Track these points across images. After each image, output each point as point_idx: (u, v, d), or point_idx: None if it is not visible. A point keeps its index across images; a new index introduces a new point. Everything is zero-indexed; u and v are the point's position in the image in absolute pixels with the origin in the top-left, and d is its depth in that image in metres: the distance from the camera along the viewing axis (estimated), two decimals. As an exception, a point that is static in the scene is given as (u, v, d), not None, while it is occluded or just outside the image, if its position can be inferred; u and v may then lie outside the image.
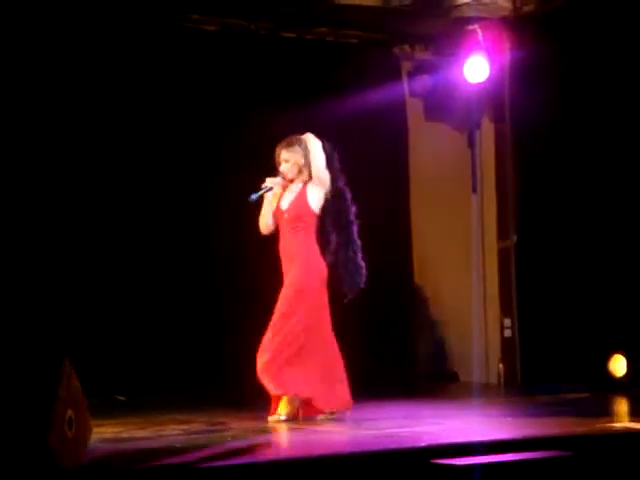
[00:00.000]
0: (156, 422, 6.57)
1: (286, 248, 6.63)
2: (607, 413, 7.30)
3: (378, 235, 9.80)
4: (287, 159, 6.68)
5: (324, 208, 6.66)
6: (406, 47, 9.74)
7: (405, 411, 7.16)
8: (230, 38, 9.03)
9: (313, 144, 6.70)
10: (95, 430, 4.90)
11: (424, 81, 9.56)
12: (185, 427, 6.35)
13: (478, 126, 9.61)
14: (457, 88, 9.35)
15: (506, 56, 9.17)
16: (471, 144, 9.68)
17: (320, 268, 6.61)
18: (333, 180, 6.68)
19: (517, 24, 9.10)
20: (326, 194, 6.65)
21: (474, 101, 9.42)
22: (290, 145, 6.70)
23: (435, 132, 9.80)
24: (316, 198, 6.63)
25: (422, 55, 9.69)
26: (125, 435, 6.03)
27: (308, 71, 9.32)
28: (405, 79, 9.80)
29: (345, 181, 6.78)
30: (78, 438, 4.52)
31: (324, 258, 6.64)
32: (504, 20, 9.13)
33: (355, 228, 6.76)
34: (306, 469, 4.76)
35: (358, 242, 6.75)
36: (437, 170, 9.90)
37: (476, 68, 9.12)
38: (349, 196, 6.77)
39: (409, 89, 9.74)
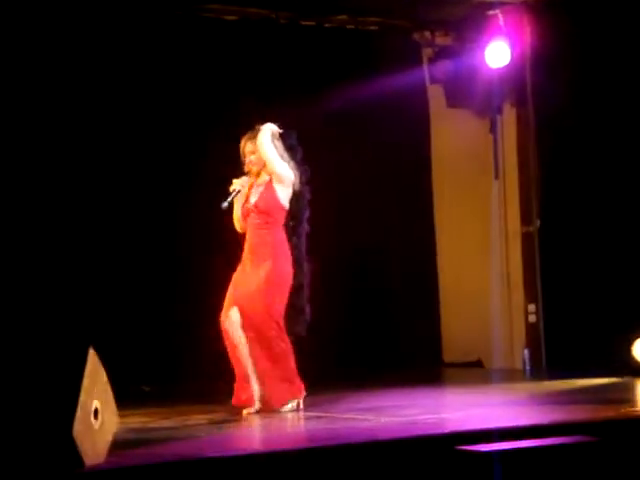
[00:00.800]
0: (181, 412, 6.59)
1: (256, 244, 6.51)
2: (633, 398, 7.28)
3: (401, 222, 9.84)
4: (252, 151, 6.56)
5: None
6: (426, 33, 9.70)
7: (429, 398, 7.17)
8: (250, 27, 9.03)
9: (260, 136, 6.52)
10: (121, 420, 4.92)
11: (445, 67, 9.53)
12: (210, 417, 6.37)
13: (500, 111, 9.57)
14: (478, 73, 9.31)
15: (527, 41, 9.13)
16: (493, 129, 9.65)
17: (290, 263, 6.54)
18: (296, 173, 6.56)
19: (538, 8, 9.06)
20: (294, 186, 6.53)
21: (495, 86, 9.39)
22: (253, 138, 6.57)
23: (456, 118, 9.77)
24: (284, 192, 6.50)
25: (443, 41, 9.65)
26: (151, 425, 6.07)
27: (328, 59, 9.31)
28: (426, 65, 9.77)
29: (307, 179, 6.64)
30: (104, 429, 4.54)
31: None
32: (525, 4, 9.09)
33: (305, 229, 6.66)
34: (331, 456, 4.77)
35: (304, 242, 6.67)
36: (459, 156, 9.87)
37: (497, 53, 9.08)
38: (307, 197, 6.65)
39: (430, 75, 9.71)
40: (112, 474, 4.39)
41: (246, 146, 6.60)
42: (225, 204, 6.49)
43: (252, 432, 6.01)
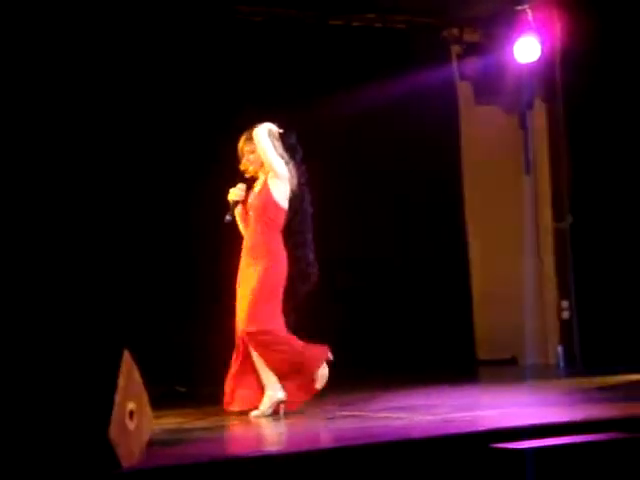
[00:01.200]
0: (215, 412, 6.60)
1: (251, 245, 6.49)
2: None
3: (432, 219, 9.82)
4: (251, 150, 6.54)
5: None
6: (455, 30, 9.68)
7: (463, 396, 7.14)
8: (278, 28, 9.04)
9: (257, 132, 6.51)
10: (156, 421, 4.95)
11: (474, 64, 9.50)
12: (243, 417, 6.38)
13: (530, 107, 9.53)
14: (508, 69, 9.28)
15: (557, 35, 9.09)
16: (523, 125, 9.61)
17: (285, 266, 6.47)
18: (295, 173, 6.52)
19: (567, 3, 9.01)
20: (292, 185, 6.49)
21: (525, 82, 9.35)
22: (251, 137, 6.56)
23: (486, 114, 9.74)
24: (280, 190, 6.45)
25: (471, 38, 9.62)
26: (186, 426, 6.10)
27: (357, 58, 9.31)
28: (455, 62, 9.74)
29: (305, 179, 6.58)
30: (139, 430, 4.56)
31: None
32: (554, -1, 9.06)
33: (310, 234, 6.60)
34: (365, 455, 4.77)
35: (313, 245, 6.60)
36: (489, 152, 9.84)
37: (527, 48, 9.05)
38: (308, 197, 6.59)
39: (459, 72, 9.69)
40: (147, 475, 4.41)
41: (245, 145, 6.58)
42: (228, 217, 6.50)
43: (285, 432, 6.01)
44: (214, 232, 8.76)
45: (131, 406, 4.50)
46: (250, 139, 6.57)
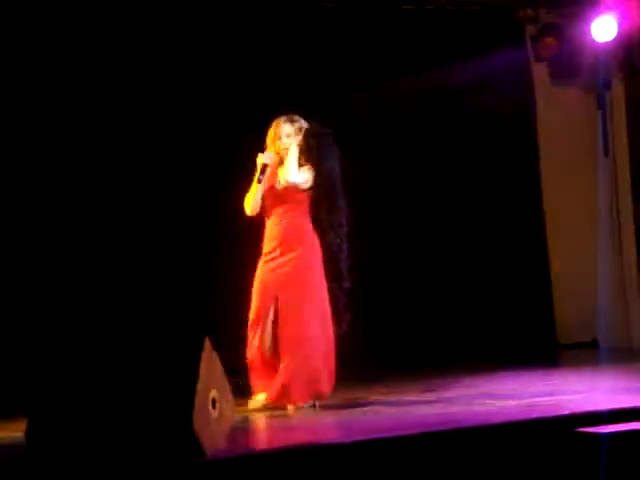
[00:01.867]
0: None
1: (279, 227, 6.41)
2: None
3: (509, 203, 9.73)
4: (289, 134, 6.46)
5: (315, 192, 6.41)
6: (529, 10, 9.56)
7: (545, 380, 7.08)
8: (349, 13, 9.02)
9: (291, 149, 6.41)
10: (237, 409, 4.98)
11: (549, 44, 9.37)
12: (323, 404, 6.37)
13: (608, 87, 9.38)
14: (584, 49, 9.14)
15: (634, 13, 8.92)
16: (601, 106, 9.46)
17: (318, 245, 6.41)
18: (321, 162, 6.41)
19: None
20: (315, 174, 6.38)
21: (603, 62, 9.20)
22: (293, 121, 6.48)
23: (563, 96, 9.62)
24: (304, 178, 6.37)
25: (546, 18, 9.51)
26: (266, 413, 6.12)
27: (429, 42, 9.25)
28: (529, 43, 9.63)
29: (339, 178, 6.44)
30: (222, 418, 4.59)
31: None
32: (631, -25, 8.91)
33: (338, 220, 6.46)
34: (450, 440, 4.75)
35: (341, 231, 6.47)
36: (566, 134, 9.72)
37: (604, 27, 8.90)
38: (343, 202, 6.46)
39: (534, 53, 9.57)
40: (231, 463, 4.44)
41: (284, 128, 6.49)
42: (261, 177, 6.39)
43: (365, 418, 5.99)
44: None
45: (213, 394, 4.52)
46: (291, 122, 6.46)
